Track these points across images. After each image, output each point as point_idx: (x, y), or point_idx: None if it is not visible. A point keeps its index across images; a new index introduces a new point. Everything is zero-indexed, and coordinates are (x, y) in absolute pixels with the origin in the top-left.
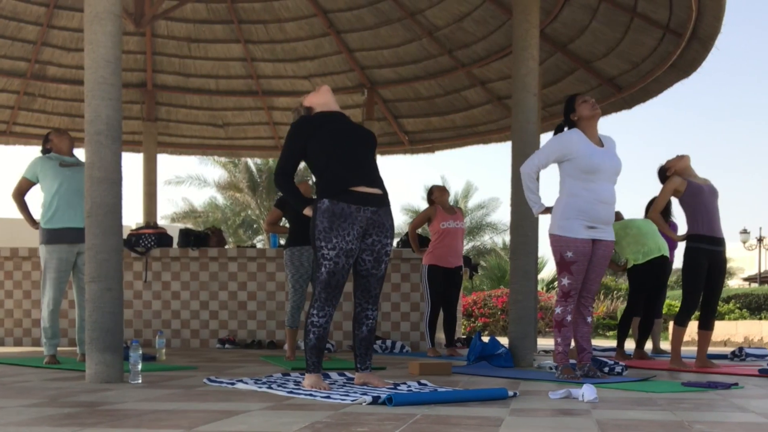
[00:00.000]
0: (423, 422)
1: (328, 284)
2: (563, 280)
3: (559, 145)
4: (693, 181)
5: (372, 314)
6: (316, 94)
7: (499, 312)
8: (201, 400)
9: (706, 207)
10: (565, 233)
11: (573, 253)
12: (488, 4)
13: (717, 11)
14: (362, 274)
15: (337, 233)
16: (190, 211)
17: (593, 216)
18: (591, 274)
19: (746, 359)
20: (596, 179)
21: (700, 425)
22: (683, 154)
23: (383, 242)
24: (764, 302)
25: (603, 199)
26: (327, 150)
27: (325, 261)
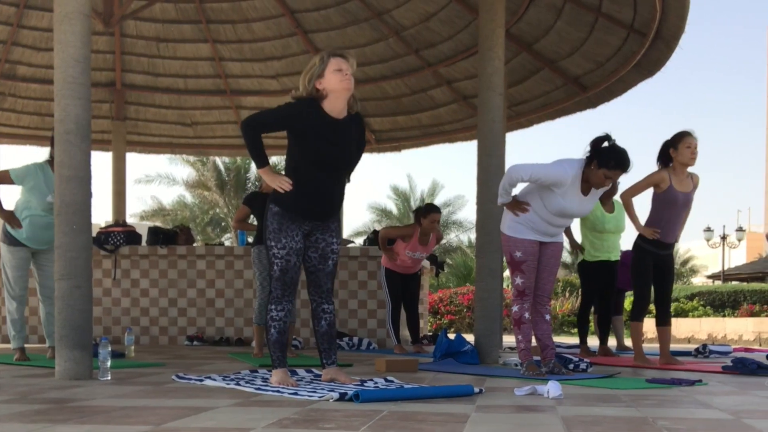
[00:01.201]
0: (390, 419)
1: (282, 281)
2: (516, 279)
3: (557, 178)
4: (674, 189)
5: (328, 308)
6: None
7: (465, 309)
8: (169, 396)
9: (669, 217)
10: (514, 234)
11: (522, 253)
12: (454, 4)
13: (681, 11)
14: (310, 270)
15: (286, 234)
16: (159, 209)
17: (542, 231)
18: (543, 273)
19: (710, 356)
20: (562, 215)
21: (664, 421)
22: (694, 156)
23: (328, 241)
24: (727, 300)
25: (556, 225)
26: (300, 162)
27: (277, 260)
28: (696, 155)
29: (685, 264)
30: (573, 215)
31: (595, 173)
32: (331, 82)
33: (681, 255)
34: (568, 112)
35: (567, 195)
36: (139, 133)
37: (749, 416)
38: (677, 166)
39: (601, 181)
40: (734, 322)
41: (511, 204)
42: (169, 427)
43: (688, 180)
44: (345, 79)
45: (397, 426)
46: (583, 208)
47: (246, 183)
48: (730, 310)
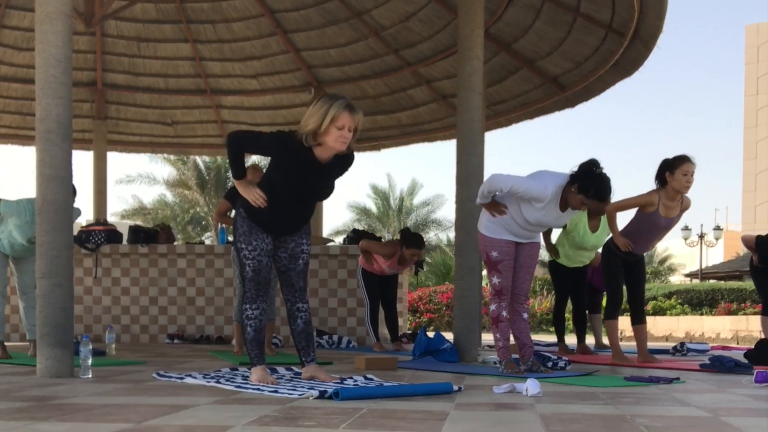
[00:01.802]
0: (369, 416)
1: (257, 281)
2: (493, 278)
3: (538, 195)
4: (658, 214)
5: (303, 307)
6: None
7: (444, 307)
8: (150, 394)
9: (646, 236)
10: (490, 234)
11: (498, 253)
12: (434, 4)
13: (659, 11)
14: (281, 269)
15: (256, 236)
16: (140, 208)
17: (517, 234)
18: (520, 272)
19: (687, 354)
20: (535, 225)
21: (642, 419)
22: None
23: (297, 241)
24: (705, 298)
25: (531, 230)
26: (275, 189)
27: (249, 261)
28: (691, 183)
29: (663, 262)
30: (549, 226)
31: (573, 196)
32: (329, 136)
33: (659, 253)
34: (547, 111)
35: (545, 209)
36: (120, 133)
37: (727, 414)
38: (670, 190)
39: (578, 205)
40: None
41: (490, 204)
42: (150, 425)
43: (677, 204)
44: (341, 140)
45: (377, 423)
46: (560, 222)
47: (226, 182)
48: (707, 308)
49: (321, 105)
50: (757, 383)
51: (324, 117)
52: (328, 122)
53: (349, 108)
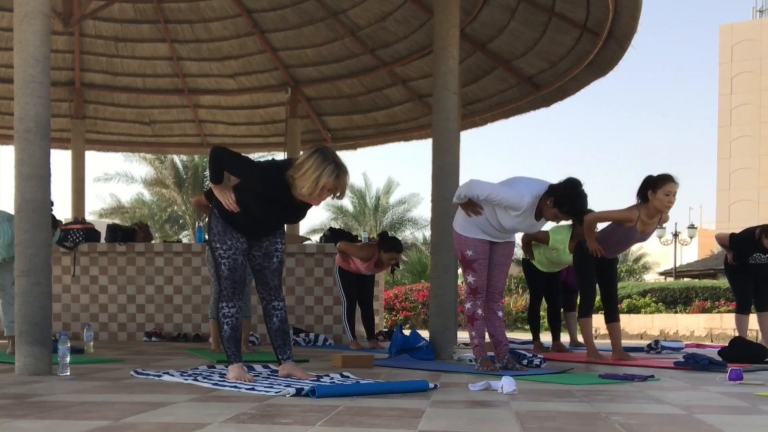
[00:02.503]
0: (346, 414)
1: (232, 279)
2: (468, 277)
3: (514, 205)
4: (636, 230)
5: (278, 305)
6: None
7: (420, 306)
8: (128, 391)
9: (619, 245)
10: (465, 233)
11: (473, 252)
12: (409, 4)
13: (633, 11)
14: (256, 268)
15: (231, 235)
16: (118, 207)
17: (491, 234)
18: (494, 271)
19: (662, 352)
20: (509, 229)
21: (617, 416)
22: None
23: (272, 240)
24: (679, 296)
25: (505, 232)
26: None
27: (224, 260)
28: (672, 203)
29: (638, 261)
30: (523, 231)
31: (548, 208)
32: (310, 193)
33: (633, 252)
34: (522, 110)
35: (520, 217)
36: (98, 132)
37: (701, 411)
38: (651, 207)
39: (551, 218)
40: (686, 318)
41: (466, 204)
42: (128, 422)
43: (655, 221)
44: (321, 200)
45: (353, 421)
46: (533, 229)
47: (203, 181)
48: (681, 306)
49: (314, 169)
50: (731, 381)
51: (316, 185)
52: (318, 190)
53: (338, 175)
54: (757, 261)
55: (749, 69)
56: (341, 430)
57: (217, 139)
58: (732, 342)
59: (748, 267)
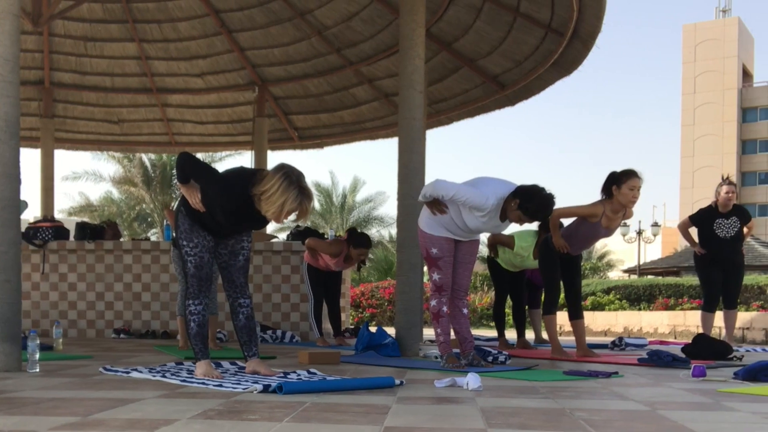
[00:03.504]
0: (312, 410)
1: (198, 276)
2: (434, 275)
3: (479, 206)
4: (601, 225)
5: (244, 302)
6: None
7: (386, 303)
8: (97, 388)
9: (584, 240)
10: (430, 231)
11: (438, 250)
12: (375, 4)
13: (597, 11)
14: (222, 266)
15: (198, 233)
16: (87, 205)
17: (456, 234)
18: (459, 269)
19: (626, 349)
20: (474, 229)
21: (581, 413)
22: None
23: (237, 238)
24: (643, 293)
25: (470, 232)
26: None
27: (190, 257)
28: (637, 198)
29: (602, 258)
30: (487, 232)
31: (512, 210)
32: (273, 215)
33: (598, 250)
34: (487, 109)
35: (485, 218)
36: (67, 131)
37: (664, 407)
38: (616, 202)
39: (515, 220)
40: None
41: (431, 203)
42: (97, 418)
43: (620, 216)
44: (282, 220)
45: (320, 417)
46: (498, 230)
47: (171, 179)
48: (645, 303)
49: (280, 194)
50: (694, 377)
51: (281, 210)
52: (283, 214)
53: (302, 202)
54: (724, 231)
55: (712, 68)
56: (308, 426)
57: (185, 137)
58: (695, 339)
59: (718, 256)
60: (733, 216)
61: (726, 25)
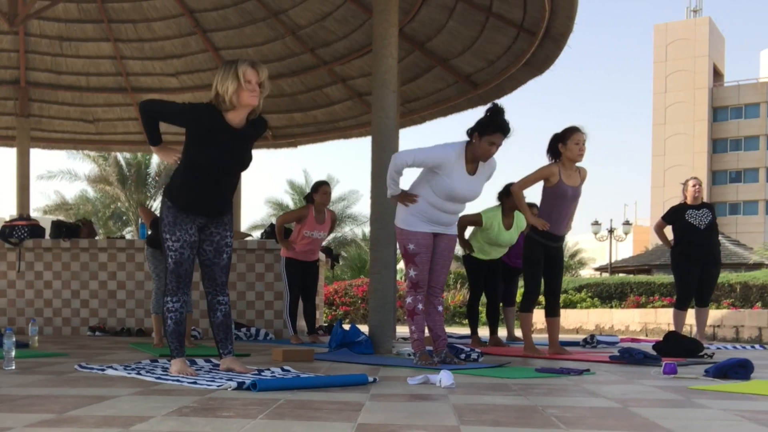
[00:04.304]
0: (286, 407)
1: (177, 273)
2: (410, 271)
3: (440, 158)
4: (563, 183)
5: (223, 300)
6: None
7: (360, 301)
8: (72, 385)
9: (559, 210)
10: (407, 227)
11: (415, 246)
12: (349, 4)
13: (569, 10)
14: (205, 263)
15: (181, 227)
16: (62, 203)
17: (435, 220)
18: (436, 266)
19: (597, 346)
20: (451, 198)
21: (553, 410)
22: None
23: (222, 234)
24: (615, 291)
25: (448, 211)
26: (195, 163)
27: (171, 252)
28: (584, 151)
29: (574, 256)
30: (463, 197)
31: (478, 145)
32: (236, 89)
33: (570, 248)
34: (460, 108)
35: (453, 175)
36: (43, 130)
37: (635, 404)
38: (565, 160)
39: (486, 149)
40: (621, 313)
41: (401, 196)
42: (72, 415)
43: (576, 174)
44: (253, 95)
45: (294, 414)
46: (472, 189)
47: (147, 178)
48: (617, 301)
49: (227, 70)
50: (666, 374)
51: (237, 78)
52: (242, 80)
53: (253, 64)
54: (698, 220)
55: (683, 68)
56: (282, 423)
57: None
58: (666, 336)
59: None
60: (703, 208)
61: (697, 25)
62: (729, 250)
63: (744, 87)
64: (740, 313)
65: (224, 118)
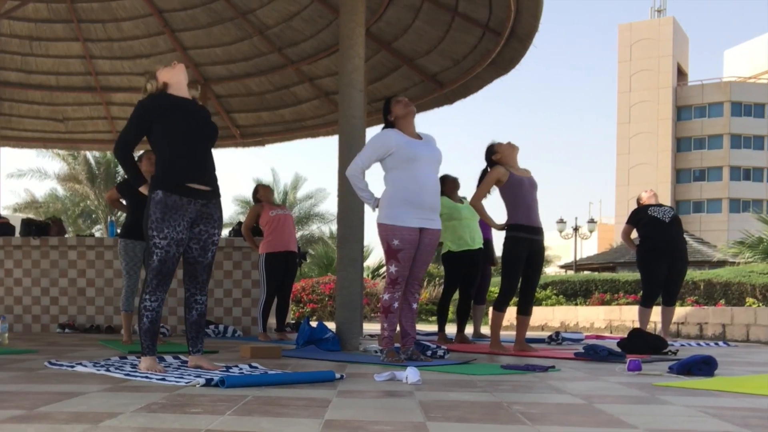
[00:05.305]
0: (254, 403)
1: (160, 271)
2: (391, 267)
3: (379, 143)
4: (514, 174)
5: (201, 299)
6: (171, 70)
7: (327, 298)
8: (42, 382)
9: (525, 199)
10: (392, 222)
11: (399, 241)
12: (316, 4)
13: (534, 10)
14: (190, 261)
15: (169, 224)
16: (32, 202)
17: (419, 203)
18: (417, 261)
19: (562, 343)
20: (418, 167)
21: (519, 406)
22: (515, 145)
23: (210, 232)
24: (580, 289)
25: (426, 185)
26: (169, 140)
27: (157, 249)
28: (516, 149)
29: None
30: (426, 157)
31: (396, 114)
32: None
33: None
34: (426, 107)
35: (402, 144)
36: (13, 128)
37: (600, 401)
38: (503, 161)
39: (403, 110)
40: (586, 310)
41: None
42: (42, 412)
43: (522, 169)
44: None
45: (262, 410)
46: (429, 149)
47: (116, 176)
48: (582, 298)
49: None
50: (630, 371)
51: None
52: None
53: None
54: (661, 214)
55: (647, 67)
56: (250, 419)
57: None
58: (631, 333)
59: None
60: (664, 206)
61: (661, 25)
62: (693, 248)
63: (708, 86)
64: (704, 311)
65: (169, 95)
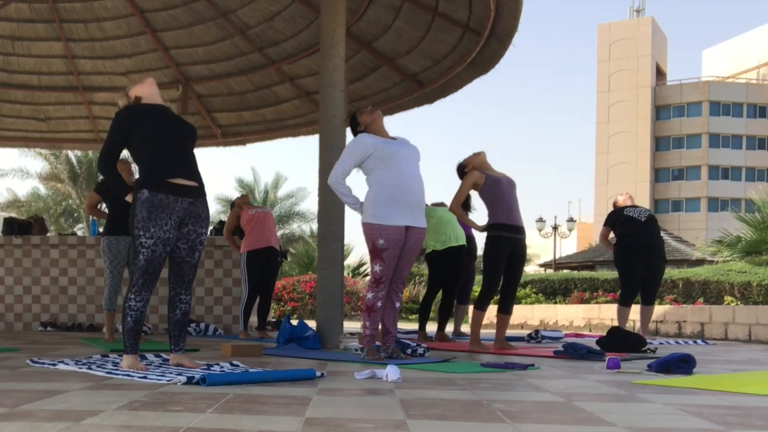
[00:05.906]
0: (235, 401)
1: (146, 271)
2: (375, 267)
3: (355, 147)
4: (491, 175)
5: (185, 299)
6: (142, 85)
7: (308, 296)
8: (24, 380)
9: (504, 198)
10: (378, 221)
11: (385, 241)
12: (297, 4)
13: (514, 10)
14: (177, 261)
15: (155, 223)
16: (14, 200)
17: (403, 200)
18: (402, 261)
19: (542, 341)
20: (399, 164)
21: (498, 404)
22: (479, 151)
23: (198, 231)
24: (559, 287)
25: (410, 181)
26: (150, 143)
27: (143, 249)
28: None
29: None
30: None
31: (365, 122)
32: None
33: None
34: (406, 107)
35: (379, 144)
36: None
37: (579, 399)
38: (476, 167)
39: (370, 117)
40: (565, 308)
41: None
42: (24, 410)
43: (495, 171)
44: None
45: (242, 408)
46: (406, 148)
47: (98, 175)
48: (561, 297)
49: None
50: (609, 369)
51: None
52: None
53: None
54: (636, 214)
55: (626, 67)
56: (231, 417)
57: None
58: (610, 332)
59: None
60: (639, 207)
61: (640, 25)
62: (672, 246)
63: (686, 86)
64: (683, 309)
65: (144, 104)
